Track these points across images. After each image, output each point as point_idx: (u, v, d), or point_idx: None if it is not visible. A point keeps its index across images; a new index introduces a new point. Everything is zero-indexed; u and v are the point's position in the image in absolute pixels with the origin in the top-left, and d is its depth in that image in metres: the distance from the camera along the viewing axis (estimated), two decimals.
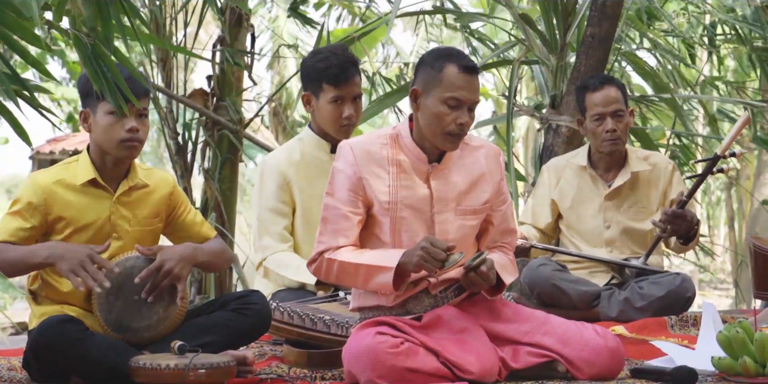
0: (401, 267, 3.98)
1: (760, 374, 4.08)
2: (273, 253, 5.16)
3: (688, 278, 5.79)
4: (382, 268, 3.98)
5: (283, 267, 5.12)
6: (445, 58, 4.08)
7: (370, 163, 4.08)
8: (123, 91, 3.64)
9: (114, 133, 4.17)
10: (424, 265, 3.92)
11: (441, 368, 3.97)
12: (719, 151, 5.63)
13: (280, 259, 5.14)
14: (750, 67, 9.01)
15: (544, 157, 6.99)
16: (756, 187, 14.97)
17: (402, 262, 3.97)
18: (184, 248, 4.21)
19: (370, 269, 4.01)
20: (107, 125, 4.17)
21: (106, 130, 4.18)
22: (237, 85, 8.32)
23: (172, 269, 4.10)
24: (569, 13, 7.36)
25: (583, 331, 4.17)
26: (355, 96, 5.17)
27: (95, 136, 4.20)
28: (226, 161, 8.15)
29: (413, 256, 3.94)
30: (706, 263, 22.21)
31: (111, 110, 4.15)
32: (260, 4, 15.84)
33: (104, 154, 4.22)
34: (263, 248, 5.19)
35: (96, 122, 4.19)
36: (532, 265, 5.86)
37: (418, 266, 3.94)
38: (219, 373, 3.84)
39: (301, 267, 5.06)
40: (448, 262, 3.91)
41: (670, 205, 5.89)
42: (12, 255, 4.04)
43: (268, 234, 5.19)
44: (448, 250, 3.92)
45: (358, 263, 4.03)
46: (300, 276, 5.05)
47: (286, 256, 5.15)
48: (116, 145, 4.19)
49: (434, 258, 3.91)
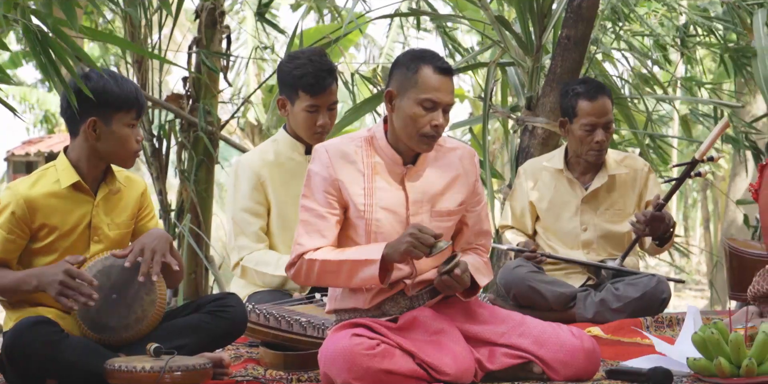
0: (385, 259, 3.98)
1: (734, 375, 4.09)
2: (249, 252, 5.15)
3: (664, 279, 5.81)
4: (367, 262, 3.98)
5: (263, 264, 5.11)
6: (420, 60, 4.08)
7: (345, 165, 4.08)
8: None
9: (130, 145, 4.20)
10: (412, 251, 3.92)
11: (417, 370, 3.97)
12: (698, 155, 5.64)
13: (257, 257, 5.13)
14: (723, 68, 9.04)
15: (520, 159, 6.99)
16: (731, 188, 15.03)
17: (386, 254, 3.97)
18: (154, 230, 4.22)
19: (354, 264, 4.00)
20: (125, 137, 4.18)
21: (124, 141, 4.18)
22: (212, 87, 8.30)
23: (154, 247, 4.09)
24: (545, 15, 7.37)
25: (559, 332, 4.17)
26: (330, 105, 5.17)
27: (107, 146, 4.18)
28: (201, 163, 8.14)
29: (401, 243, 3.94)
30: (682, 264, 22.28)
31: (129, 123, 4.16)
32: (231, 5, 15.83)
33: (97, 161, 4.20)
34: (239, 248, 5.18)
35: (112, 132, 4.16)
36: (508, 266, 5.87)
37: (406, 253, 3.93)
38: (195, 375, 3.83)
39: (280, 262, 5.05)
40: (436, 248, 3.92)
41: (646, 207, 5.91)
42: (2, 282, 4.07)
43: (243, 234, 5.18)
44: (436, 237, 3.92)
45: (340, 260, 4.02)
46: (280, 271, 5.04)
47: (264, 253, 5.15)
48: (130, 157, 4.23)
49: (423, 243, 3.91)
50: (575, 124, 5.87)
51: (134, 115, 4.17)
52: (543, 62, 7.42)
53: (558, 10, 7.35)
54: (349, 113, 7.83)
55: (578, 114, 5.85)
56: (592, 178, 5.98)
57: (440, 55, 4.15)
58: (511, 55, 7.46)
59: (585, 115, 5.83)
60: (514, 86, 7.92)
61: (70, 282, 3.96)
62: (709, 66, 12.36)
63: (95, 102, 4.07)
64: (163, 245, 4.12)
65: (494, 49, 7.81)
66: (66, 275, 3.97)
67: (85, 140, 4.16)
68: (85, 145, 4.17)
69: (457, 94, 16.45)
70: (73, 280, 3.96)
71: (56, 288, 3.96)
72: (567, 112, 5.92)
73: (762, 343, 4.12)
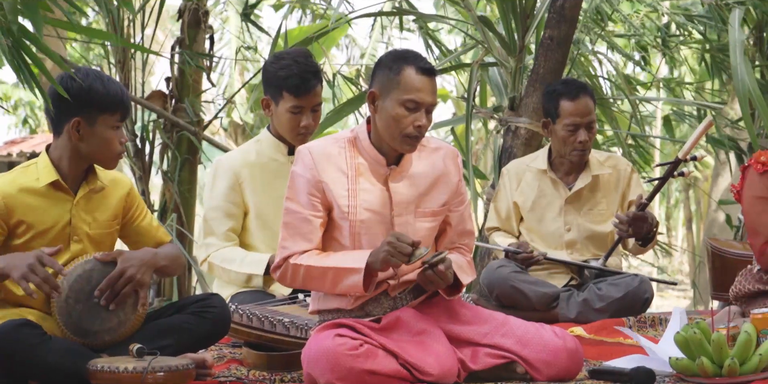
0: (369, 267, 3.98)
1: (717, 375, 4.11)
2: (216, 250, 5.15)
3: (646, 279, 5.82)
4: (352, 270, 3.98)
5: (228, 261, 5.10)
6: (403, 61, 4.08)
7: (328, 166, 4.08)
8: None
9: (113, 147, 4.18)
10: (390, 260, 3.93)
11: (400, 370, 3.98)
12: (681, 155, 5.66)
13: (224, 254, 5.13)
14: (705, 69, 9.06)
15: (503, 159, 7.00)
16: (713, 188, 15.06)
17: (370, 262, 3.98)
18: (144, 253, 4.19)
19: (338, 272, 4.01)
20: (109, 138, 4.16)
21: (107, 142, 4.16)
22: (195, 87, 8.29)
23: (134, 276, 4.08)
24: (528, 15, 7.38)
25: (542, 332, 4.18)
26: (314, 106, 5.16)
27: (90, 147, 4.17)
28: (184, 163, 8.13)
29: (380, 253, 3.95)
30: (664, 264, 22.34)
31: (114, 125, 4.15)
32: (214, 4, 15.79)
33: (79, 161, 4.19)
34: (206, 246, 5.19)
35: (96, 133, 4.15)
36: (492, 266, 5.88)
37: (384, 262, 3.94)
38: (178, 376, 3.83)
39: (245, 259, 5.06)
40: (414, 256, 3.92)
41: (629, 207, 5.92)
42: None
43: (213, 234, 5.18)
44: (414, 245, 3.93)
45: (325, 267, 4.02)
46: (245, 268, 5.04)
47: (230, 250, 5.14)
48: (114, 158, 4.22)
49: (400, 252, 3.91)
50: (558, 125, 5.88)
51: (119, 117, 4.16)
52: (526, 62, 7.43)
53: (541, 11, 7.37)
54: (331, 114, 7.83)
55: (561, 114, 5.85)
56: (576, 179, 5.98)
57: (423, 55, 4.15)
58: (494, 55, 7.47)
59: (568, 115, 5.84)
60: (497, 86, 7.93)
61: (38, 267, 3.87)
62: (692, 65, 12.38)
63: (80, 102, 4.07)
64: (142, 277, 4.10)
65: (477, 50, 7.82)
66: (36, 259, 3.89)
67: (68, 140, 4.15)
68: (68, 145, 4.16)
69: (440, 94, 16.46)
70: (42, 266, 3.89)
71: (22, 270, 3.86)
72: (549, 112, 5.93)
73: (744, 343, 4.14)
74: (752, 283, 4.87)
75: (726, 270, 6.37)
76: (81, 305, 4.06)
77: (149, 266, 4.14)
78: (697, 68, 12.16)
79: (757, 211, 4.81)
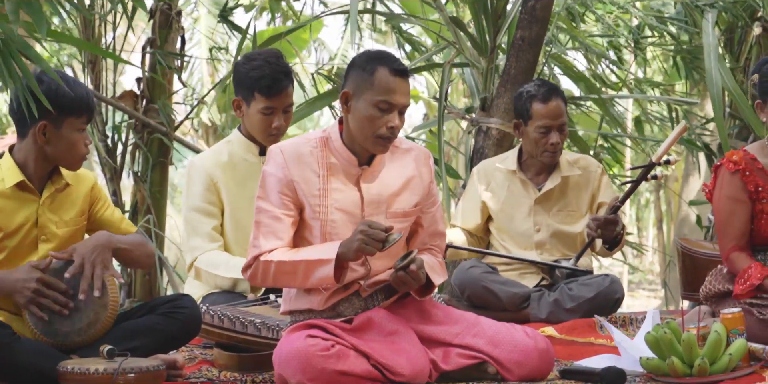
0: (340, 258, 3.98)
1: (687, 374, 4.13)
2: (202, 252, 5.14)
3: (617, 279, 5.84)
4: (322, 261, 3.98)
5: (214, 266, 5.09)
6: (377, 61, 4.08)
7: (300, 166, 4.08)
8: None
9: (78, 149, 4.17)
10: (365, 247, 3.92)
11: (372, 371, 3.98)
12: (655, 158, 5.67)
13: (209, 259, 5.11)
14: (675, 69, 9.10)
15: (475, 160, 7.01)
16: (684, 189, 15.12)
17: (341, 253, 3.97)
18: (96, 237, 4.16)
19: (309, 264, 4.00)
20: (74, 141, 4.15)
21: (73, 145, 4.15)
22: (167, 88, 8.26)
23: (94, 260, 4.06)
24: (499, 15, 7.39)
25: (513, 332, 4.19)
26: (286, 107, 5.16)
27: (55, 150, 4.14)
28: (156, 164, 8.10)
29: (353, 242, 3.94)
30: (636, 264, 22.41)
31: (80, 127, 4.14)
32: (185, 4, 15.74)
33: (44, 162, 4.17)
34: (192, 249, 5.16)
35: (62, 136, 4.13)
36: (463, 266, 5.88)
37: (359, 250, 3.94)
38: (148, 377, 3.82)
39: (230, 263, 5.04)
40: (388, 242, 3.92)
41: (599, 208, 5.94)
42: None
43: (196, 234, 5.16)
44: (387, 231, 3.93)
45: (295, 260, 4.02)
46: (231, 272, 5.03)
47: (216, 254, 5.13)
48: (78, 160, 4.20)
49: (374, 239, 3.91)
50: (530, 127, 5.89)
51: (85, 119, 4.15)
52: (497, 63, 7.44)
53: (512, 12, 7.37)
54: (302, 107, 7.79)
55: (532, 116, 5.87)
56: (546, 179, 6.00)
57: (396, 56, 4.15)
58: (466, 56, 7.47)
59: (539, 117, 5.86)
60: (469, 87, 7.93)
61: (45, 291, 3.98)
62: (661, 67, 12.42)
63: (54, 107, 4.05)
64: (103, 257, 4.09)
65: (449, 50, 7.83)
66: (40, 284, 3.98)
67: (33, 143, 4.13)
68: (33, 148, 4.14)
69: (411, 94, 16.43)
70: (48, 289, 3.97)
71: (28, 296, 3.98)
72: (521, 114, 5.94)
73: (714, 343, 4.16)
74: (722, 283, 4.89)
75: (696, 270, 6.39)
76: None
77: (104, 247, 4.11)
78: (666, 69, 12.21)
79: (728, 210, 4.83)
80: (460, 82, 12.28)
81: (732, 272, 4.85)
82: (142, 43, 8.32)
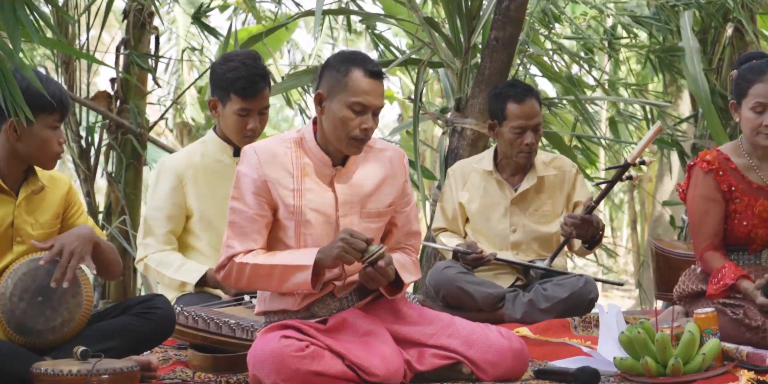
0: (318, 264, 3.98)
1: (661, 374, 4.14)
2: (154, 251, 5.13)
3: (591, 280, 5.85)
4: (299, 267, 3.97)
5: (164, 266, 5.08)
6: (351, 62, 4.07)
7: (274, 166, 4.08)
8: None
9: (51, 147, 4.14)
10: (344, 256, 3.92)
11: (346, 371, 3.98)
12: (630, 159, 5.68)
13: (161, 258, 5.11)
14: (651, 70, 9.13)
15: (449, 160, 7.02)
16: (657, 189, 15.17)
17: (318, 259, 3.97)
18: (78, 229, 4.15)
19: (286, 269, 3.99)
20: (47, 138, 4.12)
21: (45, 143, 4.12)
22: (141, 88, 8.24)
23: (75, 249, 4.04)
24: (474, 16, 7.40)
25: (488, 333, 4.19)
26: (261, 109, 5.15)
27: (27, 147, 4.12)
28: (130, 165, 8.07)
29: (332, 249, 3.94)
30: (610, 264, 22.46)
31: (52, 125, 4.11)
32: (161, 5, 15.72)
33: (18, 161, 4.15)
34: (144, 246, 5.17)
35: (34, 134, 4.11)
36: (438, 267, 5.89)
37: (338, 258, 3.94)
38: (122, 378, 3.81)
39: (183, 267, 5.04)
40: (368, 252, 3.92)
41: (575, 208, 5.95)
42: None
43: (152, 235, 5.15)
44: (368, 242, 3.93)
45: (272, 264, 4.01)
46: (179, 275, 5.03)
47: (168, 255, 5.12)
48: (52, 158, 4.17)
49: (355, 248, 3.91)
50: (505, 127, 5.90)
51: (57, 117, 4.13)
52: (472, 64, 7.45)
53: (487, 12, 7.38)
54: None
55: (507, 117, 5.88)
56: (521, 180, 6.01)
57: (371, 57, 4.15)
58: (441, 56, 7.48)
59: (514, 118, 5.87)
60: (443, 88, 7.94)
61: None
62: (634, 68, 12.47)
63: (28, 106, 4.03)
64: (83, 248, 4.07)
65: (424, 51, 7.83)
66: None
67: (5, 140, 4.11)
68: (6, 146, 4.12)
69: (386, 95, 16.44)
70: None
71: None
72: (496, 115, 5.95)
73: (687, 343, 4.17)
74: (696, 283, 4.91)
75: (670, 270, 6.42)
76: (25, 303, 4.04)
77: (87, 239, 4.10)
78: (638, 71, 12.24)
79: (702, 210, 4.85)
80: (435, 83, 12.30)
81: (706, 272, 4.86)
82: (116, 43, 8.29)
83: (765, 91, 4.74)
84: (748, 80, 4.79)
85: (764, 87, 4.74)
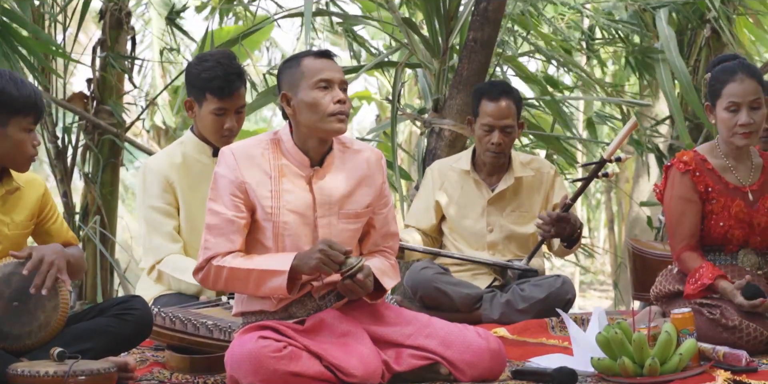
0: (294, 270, 3.98)
1: (638, 374, 4.15)
2: (165, 254, 5.10)
3: (569, 280, 5.86)
4: (276, 272, 3.98)
5: (180, 271, 5.03)
6: (298, 56, 4.18)
7: (251, 167, 4.08)
8: None
9: (25, 150, 4.13)
10: (322, 267, 3.94)
11: (324, 372, 3.97)
12: (606, 156, 5.68)
13: (175, 263, 5.06)
14: (629, 70, 9.16)
15: (427, 161, 7.02)
16: (635, 190, 15.21)
17: (295, 265, 3.97)
18: (54, 245, 4.16)
19: (262, 274, 4.00)
20: (21, 141, 4.10)
21: (20, 145, 4.10)
22: (118, 89, 8.22)
23: (53, 261, 4.04)
24: (451, 17, 7.41)
25: (466, 333, 4.19)
26: (238, 108, 5.14)
27: (2, 150, 4.08)
28: (107, 165, 8.06)
29: (311, 258, 3.95)
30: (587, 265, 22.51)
31: (27, 127, 4.09)
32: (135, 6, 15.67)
33: None
34: (154, 249, 5.11)
35: (8, 136, 4.08)
36: (415, 268, 5.88)
37: (315, 268, 3.95)
38: (99, 379, 3.80)
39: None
40: (346, 264, 3.94)
41: (554, 209, 5.95)
42: None
43: (158, 234, 5.11)
44: (346, 254, 3.93)
45: (249, 268, 4.02)
46: None
47: (180, 259, 5.08)
48: (26, 161, 4.15)
49: (333, 260, 3.92)
50: (477, 124, 5.92)
51: (32, 119, 4.11)
52: (450, 64, 7.45)
53: (465, 13, 7.39)
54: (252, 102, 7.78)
55: (479, 114, 5.91)
56: (499, 180, 6.02)
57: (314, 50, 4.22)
58: (419, 57, 7.48)
59: (484, 115, 5.89)
60: (421, 88, 7.94)
61: None
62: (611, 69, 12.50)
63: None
64: (61, 262, 4.08)
65: (402, 51, 7.84)
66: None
67: None
68: None
69: (363, 95, 16.45)
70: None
71: None
72: (473, 110, 5.98)
73: (664, 343, 4.18)
74: (672, 283, 4.92)
75: (647, 270, 6.44)
76: (1, 309, 4.02)
77: (62, 255, 4.11)
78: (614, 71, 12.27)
79: (679, 210, 4.87)
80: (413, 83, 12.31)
81: (683, 272, 4.88)
82: (92, 44, 8.27)
83: (738, 91, 4.78)
84: (721, 81, 4.83)
85: (737, 86, 4.78)
